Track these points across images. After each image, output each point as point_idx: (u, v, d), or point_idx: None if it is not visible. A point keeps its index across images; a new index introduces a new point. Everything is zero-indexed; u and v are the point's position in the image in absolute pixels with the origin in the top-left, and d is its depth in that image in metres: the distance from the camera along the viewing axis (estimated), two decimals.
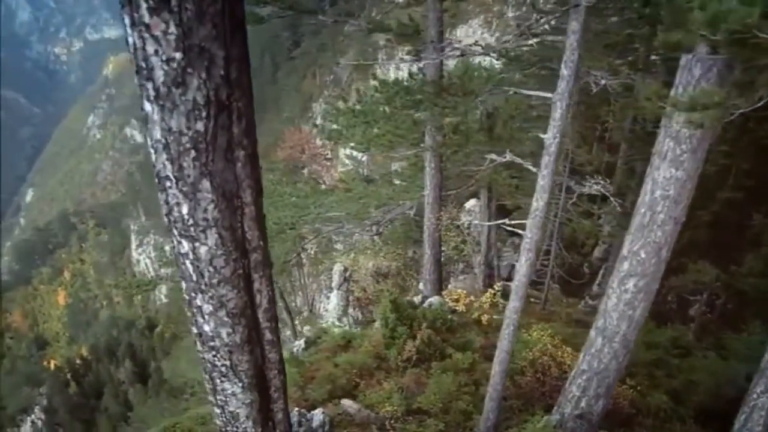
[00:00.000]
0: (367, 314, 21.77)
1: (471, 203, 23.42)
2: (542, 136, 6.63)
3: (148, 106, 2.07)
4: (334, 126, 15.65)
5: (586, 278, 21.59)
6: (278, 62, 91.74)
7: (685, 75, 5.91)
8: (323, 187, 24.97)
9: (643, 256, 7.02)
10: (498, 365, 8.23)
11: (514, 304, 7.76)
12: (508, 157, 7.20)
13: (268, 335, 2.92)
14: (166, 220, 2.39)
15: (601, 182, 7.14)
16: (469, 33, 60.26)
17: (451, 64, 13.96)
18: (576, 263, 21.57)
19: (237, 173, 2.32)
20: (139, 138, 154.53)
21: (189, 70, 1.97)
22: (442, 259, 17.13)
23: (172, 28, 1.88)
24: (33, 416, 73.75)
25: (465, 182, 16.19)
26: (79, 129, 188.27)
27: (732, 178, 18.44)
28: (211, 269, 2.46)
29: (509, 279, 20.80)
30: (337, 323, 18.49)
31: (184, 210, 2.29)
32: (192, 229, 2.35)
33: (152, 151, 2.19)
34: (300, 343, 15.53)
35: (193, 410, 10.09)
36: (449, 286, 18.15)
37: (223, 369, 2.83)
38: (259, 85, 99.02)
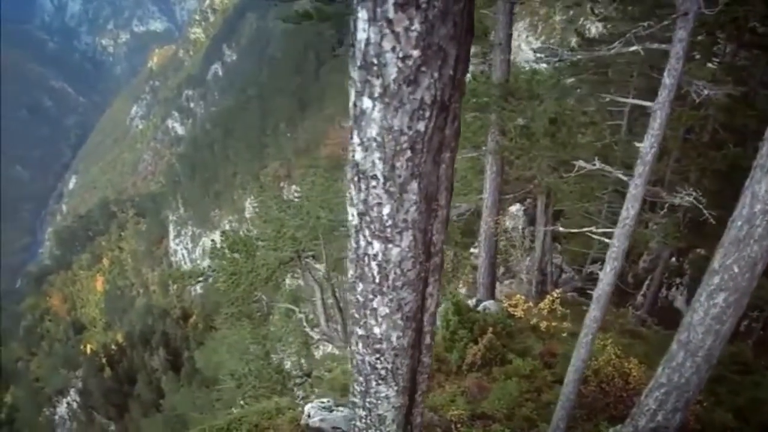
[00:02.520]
0: None
1: (515, 208, 23.12)
2: (638, 144, 6.47)
3: (368, 103, 1.99)
4: None
5: (640, 289, 21.16)
6: (322, 59, 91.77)
7: None
8: None
9: (736, 270, 6.77)
10: (573, 374, 8.08)
11: (594, 313, 7.60)
12: (597, 164, 7.06)
13: (427, 339, 2.85)
14: (356, 219, 2.30)
15: (693, 194, 6.90)
16: (515, 36, 59.70)
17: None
18: (628, 272, 21.20)
19: (439, 175, 2.26)
20: (180, 130, 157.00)
21: (423, 68, 1.90)
22: None
23: (416, 25, 1.81)
24: (69, 398, 75.70)
25: (522, 186, 15.97)
26: (122, 119, 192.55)
27: None
28: (397, 271, 2.39)
29: (557, 285, 20.51)
30: None
31: (386, 210, 2.22)
32: (389, 230, 2.27)
33: (360, 149, 2.11)
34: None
35: (258, 405, 10.13)
36: (495, 291, 17.94)
37: (383, 372, 2.77)
38: (302, 82, 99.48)
